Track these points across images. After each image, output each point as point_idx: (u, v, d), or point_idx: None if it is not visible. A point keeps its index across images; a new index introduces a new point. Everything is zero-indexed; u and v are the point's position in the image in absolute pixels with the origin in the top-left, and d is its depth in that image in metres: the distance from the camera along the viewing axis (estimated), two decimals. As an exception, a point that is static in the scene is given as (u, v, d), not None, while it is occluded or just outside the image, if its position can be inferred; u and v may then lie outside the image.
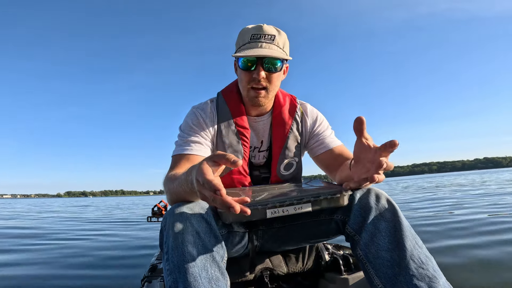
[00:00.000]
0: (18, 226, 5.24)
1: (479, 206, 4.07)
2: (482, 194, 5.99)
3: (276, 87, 0.95)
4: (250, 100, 0.93)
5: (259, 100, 0.92)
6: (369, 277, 0.70)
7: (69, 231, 4.37)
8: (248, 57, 0.87)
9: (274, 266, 0.96)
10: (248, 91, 0.92)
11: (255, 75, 0.88)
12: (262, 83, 0.89)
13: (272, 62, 0.88)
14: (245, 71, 0.90)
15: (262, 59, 0.88)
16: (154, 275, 1.05)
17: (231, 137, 0.96)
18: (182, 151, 0.89)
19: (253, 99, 0.92)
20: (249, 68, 0.89)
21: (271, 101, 0.99)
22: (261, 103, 0.93)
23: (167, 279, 0.62)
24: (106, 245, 2.99)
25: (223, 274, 0.65)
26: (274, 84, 0.92)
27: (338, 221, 0.81)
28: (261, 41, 0.88)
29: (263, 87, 0.90)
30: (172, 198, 0.74)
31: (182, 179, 0.66)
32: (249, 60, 0.88)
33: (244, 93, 0.94)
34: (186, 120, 0.97)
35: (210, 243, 0.65)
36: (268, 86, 0.91)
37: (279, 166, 0.99)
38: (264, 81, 0.90)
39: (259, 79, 0.88)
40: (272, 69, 0.89)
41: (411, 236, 0.69)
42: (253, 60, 0.88)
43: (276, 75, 0.91)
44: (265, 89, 0.91)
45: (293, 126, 1.00)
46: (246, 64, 0.89)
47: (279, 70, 0.91)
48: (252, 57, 0.87)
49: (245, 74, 0.91)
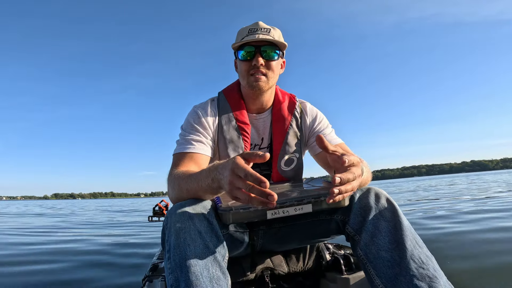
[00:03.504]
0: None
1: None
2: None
3: (275, 75, 0.97)
4: (250, 86, 0.94)
5: (259, 84, 0.93)
6: (370, 277, 0.70)
7: (67, 229, 4.37)
8: (247, 42, 0.91)
9: (275, 266, 0.96)
10: (248, 78, 0.94)
11: (255, 62, 0.92)
12: (261, 70, 0.92)
13: (270, 51, 0.93)
14: (245, 61, 0.93)
15: (260, 48, 0.92)
16: (155, 274, 1.05)
17: (232, 133, 0.96)
18: (184, 149, 0.90)
19: (253, 83, 0.93)
20: (248, 58, 0.93)
21: (271, 96, 1.01)
22: (262, 87, 0.94)
23: (169, 278, 0.62)
24: (106, 246, 2.99)
25: (224, 274, 0.65)
26: (273, 71, 0.95)
27: (338, 221, 0.81)
28: (258, 33, 0.92)
29: (263, 73, 0.93)
30: (182, 195, 0.74)
31: (201, 176, 0.67)
32: (248, 51, 0.92)
33: (244, 82, 0.96)
34: (187, 119, 0.98)
35: (212, 242, 0.66)
36: (267, 73, 0.94)
37: (280, 161, 1.00)
38: (263, 68, 0.93)
39: (258, 66, 0.92)
40: (271, 56, 0.93)
41: (412, 235, 0.69)
42: (252, 51, 0.92)
43: (275, 64, 0.95)
44: (265, 76, 0.94)
45: (292, 122, 1.01)
46: (245, 54, 0.93)
47: (276, 59, 0.95)
48: (251, 47, 0.92)
49: (244, 64, 0.94)
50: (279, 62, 0.97)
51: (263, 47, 0.92)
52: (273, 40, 0.91)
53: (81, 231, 4.22)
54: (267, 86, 0.95)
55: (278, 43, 0.93)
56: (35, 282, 1.76)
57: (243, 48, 0.93)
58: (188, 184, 0.72)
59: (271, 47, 0.93)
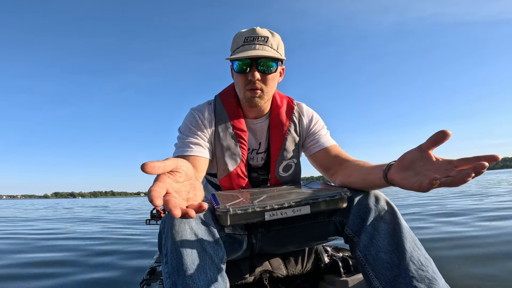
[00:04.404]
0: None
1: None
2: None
3: (272, 88, 0.94)
4: (246, 101, 0.93)
5: (255, 100, 0.91)
6: (369, 279, 0.70)
7: (59, 233, 4.34)
8: (241, 58, 0.87)
9: (274, 269, 0.95)
10: (245, 93, 0.92)
11: (250, 76, 0.88)
12: (257, 85, 0.89)
13: (267, 64, 0.88)
14: (240, 73, 0.90)
15: (256, 60, 0.87)
16: (153, 278, 1.04)
17: (229, 140, 0.96)
18: (182, 152, 0.90)
19: (249, 99, 0.91)
20: (244, 71, 0.89)
21: (268, 103, 1.00)
22: (257, 103, 0.92)
23: (166, 282, 0.62)
24: (104, 247, 2.97)
25: (223, 277, 0.64)
26: (270, 85, 0.92)
27: (337, 223, 0.81)
28: (255, 43, 0.88)
29: (259, 88, 0.90)
30: None
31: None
32: (244, 63, 0.88)
33: (241, 95, 0.95)
34: (185, 122, 0.98)
35: (209, 245, 0.65)
36: (263, 87, 0.90)
37: (278, 167, 0.99)
38: (259, 83, 0.89)
39: (254, 81, 0.88)
40: (267, 70, 0.89)
41: (411, 237, 0.69)
42: (248, 62, 0.88)
43: (271, 77, 0.91)
44: (261, 90, 0.91)
45: (290, 127, 1.00)
46: (241, 67, 0.89)
47: (273, 72, 0.91)
48: (246, 60, 0.87)
49: (240, 77, 0.91)
50: (277, 74, 0.94)
51: (259, 60, 0.87)
52: (269, 56, 0.87)
53: (77, 229, 4.19)
54: (263, 102, 0.93)
55: (275, 55, 0.88)
56: (35, 286, 1.75)
57: (238, 59, 0.88)
58: None
59: (268, 59, 0.88)
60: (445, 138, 0.53)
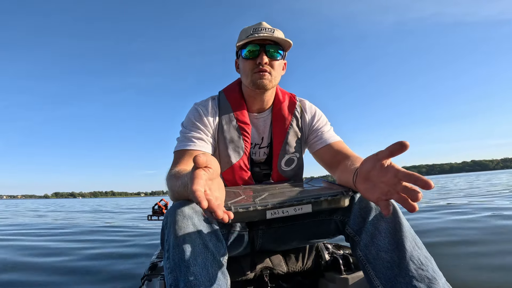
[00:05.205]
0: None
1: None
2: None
3: (278, 75, 0.97)
4: (254, 85, 0.94)
5: (264, 82, 0.93)
6: (369, 278, 0.70)
7: (60, 228, 4.38)
8: (252, 39, 0.91)
9: (274, 266, 0.96)
10: (252, 76, 0.93)
11: (259, 60, 0.92)
12: (266, 68, 0.92)
13: (274, 49, 0.93)
14: (249, 59, 0.93)
15: (264, 47, 0.92)
16: (154, 273, 1.05)
17: (232, 132, 0.96)
18: (185, 146, 0.90)
19: (257, 81, 0.93)
20: (253, 56, 0.93)
21: (272, 95, 1.01)
22: (266, 85, 0.93)
23: (168, 278, 0.62)
24: (105, 243, 2.99)
25: (224, 273, 0.65)
26: (277, 71, 0.95)
27: (338, 222, 0.81)
28: (263, 32, 0.92)
29: (267, 71, 0.93)
30: (175, 196, 0.74)
31: (184, 181, 0.67)
32: (252, 50, 0.92)
33: (248, 80, 0.95)
34: (188, 116, 0.98)
35: (211, 242, 0.66)
36: (271, 71, 0.94)
37: (280, 161, 1.00)
38: (267, 67, 0.93)
39: (263, 64, 0.92)
40: (274, 55, 0.93)
41: (411, 237, 0.69)
42: (256, 49, 0.92)
43: (278, 63, 0.95)
44: (269, 74, 0.93)
45: (292, 122, 1.01)
46: (250, 53, 0.93)
47: (280, 59, 0.95)
48: (256, 46, 0.92)
49: (249, 62, 0.94)
50: (281, 63, 0.98)
51: (267, 46, 0.92)
52: (280, 39, 0.92)
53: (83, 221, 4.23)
54: (271, 85, 0.95)
55: (283, 43, 0.93)
56: (40, 273, 1.77)
57: (247, 47, 0.93)
58: (178, 186, 0.71)
59: (275, 46, 0.93)
60: (402, 150, 0.54)
